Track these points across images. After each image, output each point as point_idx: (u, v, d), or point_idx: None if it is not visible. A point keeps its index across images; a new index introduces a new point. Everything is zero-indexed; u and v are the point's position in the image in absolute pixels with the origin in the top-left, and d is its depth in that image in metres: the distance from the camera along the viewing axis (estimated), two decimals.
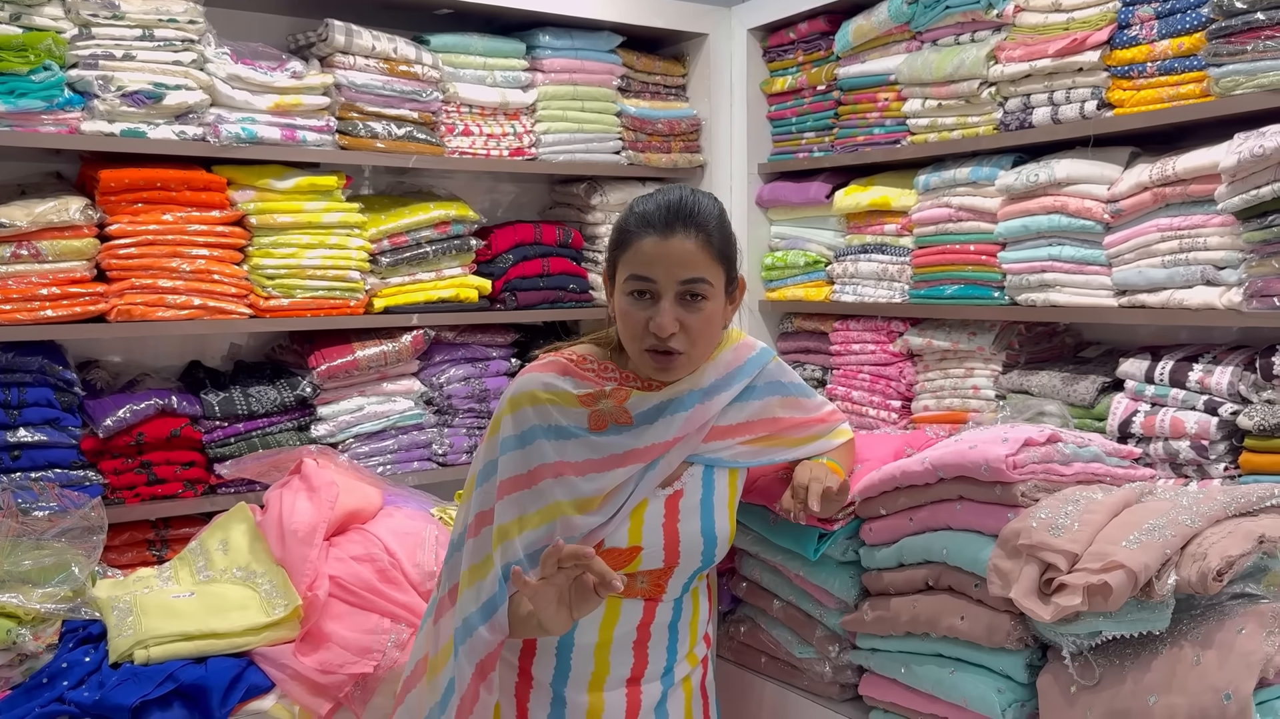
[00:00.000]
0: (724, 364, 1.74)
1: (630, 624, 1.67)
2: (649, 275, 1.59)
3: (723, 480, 1.73)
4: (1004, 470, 1.61)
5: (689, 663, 1.76)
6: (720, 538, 1.69)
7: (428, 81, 3.11)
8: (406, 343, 3.09)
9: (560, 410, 1.64)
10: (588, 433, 1.64)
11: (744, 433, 1.74)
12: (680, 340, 1.61)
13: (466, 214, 3.20)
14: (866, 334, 3.24)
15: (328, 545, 2.16)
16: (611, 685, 1.68)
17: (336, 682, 1.97)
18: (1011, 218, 2.78)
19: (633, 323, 1.62)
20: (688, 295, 1.60)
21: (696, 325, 1.61)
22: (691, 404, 1.68)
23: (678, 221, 1.59)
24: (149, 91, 2.67)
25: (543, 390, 1.65)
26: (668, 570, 1.68)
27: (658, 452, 1.65)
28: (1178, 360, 2.48)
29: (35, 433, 2.60)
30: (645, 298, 1.61)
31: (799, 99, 3.47)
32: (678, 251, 1.59)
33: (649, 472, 1.65)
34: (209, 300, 2.80)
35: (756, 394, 1.76)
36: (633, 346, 1.65)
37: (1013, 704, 1.60)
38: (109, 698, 1.84)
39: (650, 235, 1.60)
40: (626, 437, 1.64)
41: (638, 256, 1.60)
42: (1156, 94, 2.52)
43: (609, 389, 1.67)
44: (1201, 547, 1.42)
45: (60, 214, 2.58)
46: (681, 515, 1.66)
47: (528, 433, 1.62)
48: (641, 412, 1.66)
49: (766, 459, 1.79)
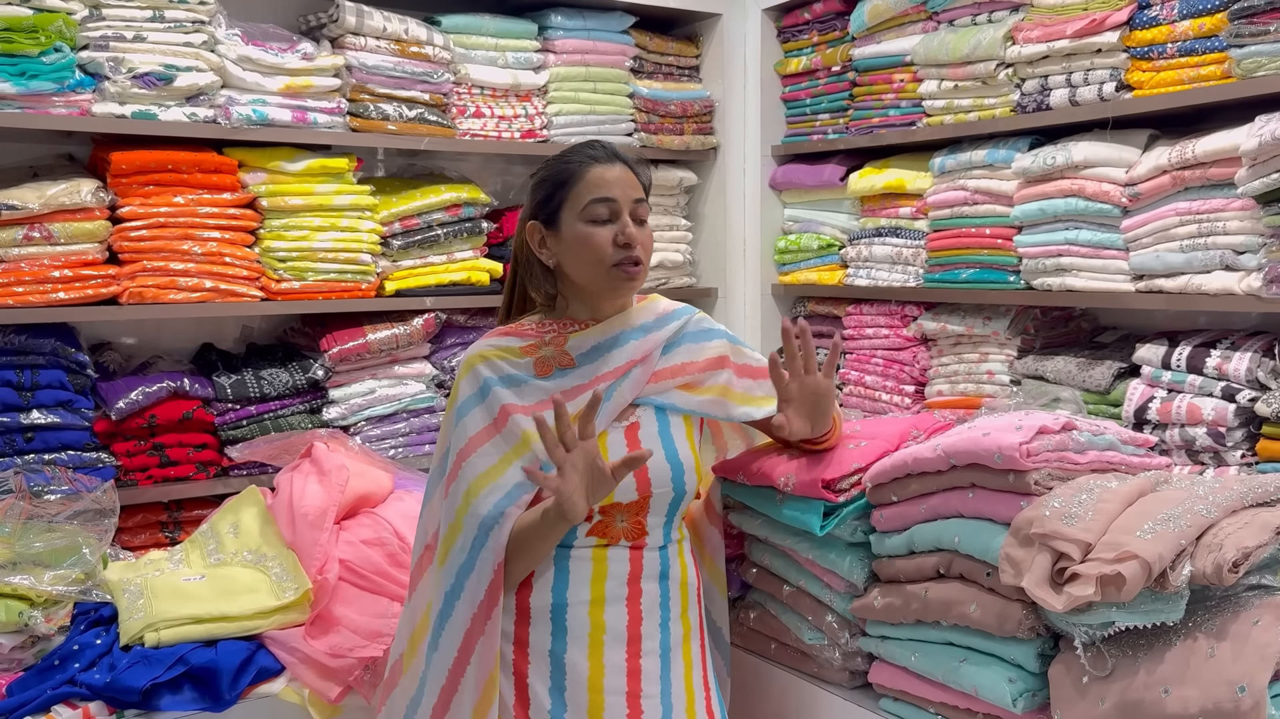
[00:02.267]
0: (653, 311, 1.87)
1: (620, 577, 1.71)
2: (610, 195, 1.74)
3: (677, 418, 1.81)
4: (1017, 458, 1.60)
5: (683, 625, 1.77)
6: (686, 465, 1.75)
7: (439, 63, 3.10)
8: (418, 326, 3.08)
9: (509, 362, 1.77)
10: (535, 378, 1.76)
11: (682, 374, 1.83)
12: (640, 253, 1.76)
13: (478, 197, 3.19)
14: (880, 318, 3.22)
15: (338, 529, 2.16)
16: (610, 645, 1.69)
17: (346, 665, 1.97)
18: (1028, 201, 2.75)
19: (598, 243, 1.74)
20: (636, 215, 1.77)
21: (647, 240, 1.78)
22: (627, 340, 1.80)
23: (611, 156, 1.79)
24: (160, 73, 2.67)
25: (489, 349, 1.79)
26: (643, 503, 1.72)
27: (601, 381, 1.75)
28: (1195, 346, 2.45)
29: (48, 415, 2.61)
30: (605, 221, 1.75)
31: (814, 80, 3.43)
32: (624, 175, 1.77)
33: (605, 401, 1.73)
34: (220, 283, 2.80)
35: (690, 338, 1.87)
36: (597, 270, 1.76)
37: (1024, 694, 1.59)
38: (120, 680, 1.84)
39: (597, 165, 1.76)
40: (571, 375, 1.77)
41: (593, 183, 1.75)
42: (1176, 75, 2.49)
43: (548, 338, 1.80)
44: (1217, 537, 1.40)
45: (72, 196, 2.57)
46: (644, 444, 1.74)
47: (484, 386, 1.75)
48: (582, 353, 1.78)
49: (725, 414, 1.84)
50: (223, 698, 1.90)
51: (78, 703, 1.85)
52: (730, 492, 2.02)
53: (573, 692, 1.68)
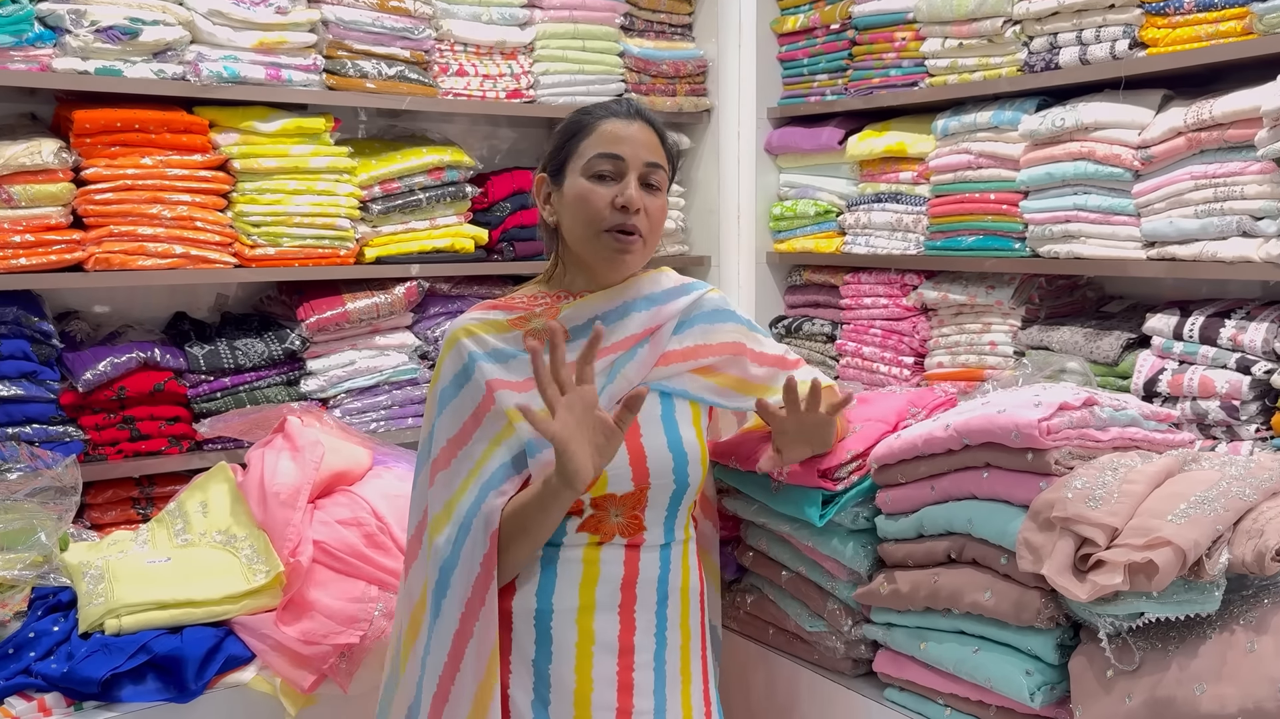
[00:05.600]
0: (658, 283, 1.73)
1: (613, 582, 1.58)
2: (617, 153, 1.61)
3: (684, 403, 1.68)
4: (1036, 436, 1.49)
5: (682, 634, 1.64)
6: (690, 455, 1.62)
7: (420, 18, 3.00)
8: (400, 294, 2.99)
9: (495, 336, 1.63)
10: (524, 352, 1.61)
11: (698, 356, 1.69)
12: (641, 222, 1.62)
13: (462, 159, 3.08)
14: (879, 287, 3.14)
15: (312, 508, 2.06)
16: (600, 657, 1.56)
17: (320, 653, 1.87)
18: (1035, 165, 2.66)
19: (596, 201, 1.61)
20: (648, 182, 1.63)
21: (654, 212, 1.64)
22: (631, 312, 1.66)
23: (637, 113, 1.66)
24: (124, 27, 2.55)
25: (474, 323, 1.65)
26: (640, 495, 1.58)
27: (601, 355, 1.60)
28: (1208, 316, 2.37)
29: (11, 387, 2.52)
30: (608, 179, 1.62)
31: (811, 39, 3.34)
32: (641, 134, 1.64)
33: (608, 383, 1.60)
34: (191, 249, 2.70)
35: (704, 319, 1.74)
36: (591, 229, 1.62)
37: (1042, 687, 1.49)
38: (78, 670, 1.74)
39: (615, 119, 1.64)
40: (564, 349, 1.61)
41: (604, 137, 1.62)
42: (1193, 32, 2.39)
43: (539, 310, 1.67)
44: (1257, 522, 1.30)
45: (33, 157, 2.47)
46: (643, 430, 1.60)
47: (468, 363, 1.62)
48: (577, 324, 1.65)
49: (732, 403, 1.73)
50: (188, 688, 1.80)
51: (33, 694, 1.75)
52: (723, 476, 1.92)
53: (558, 706, 1.56)
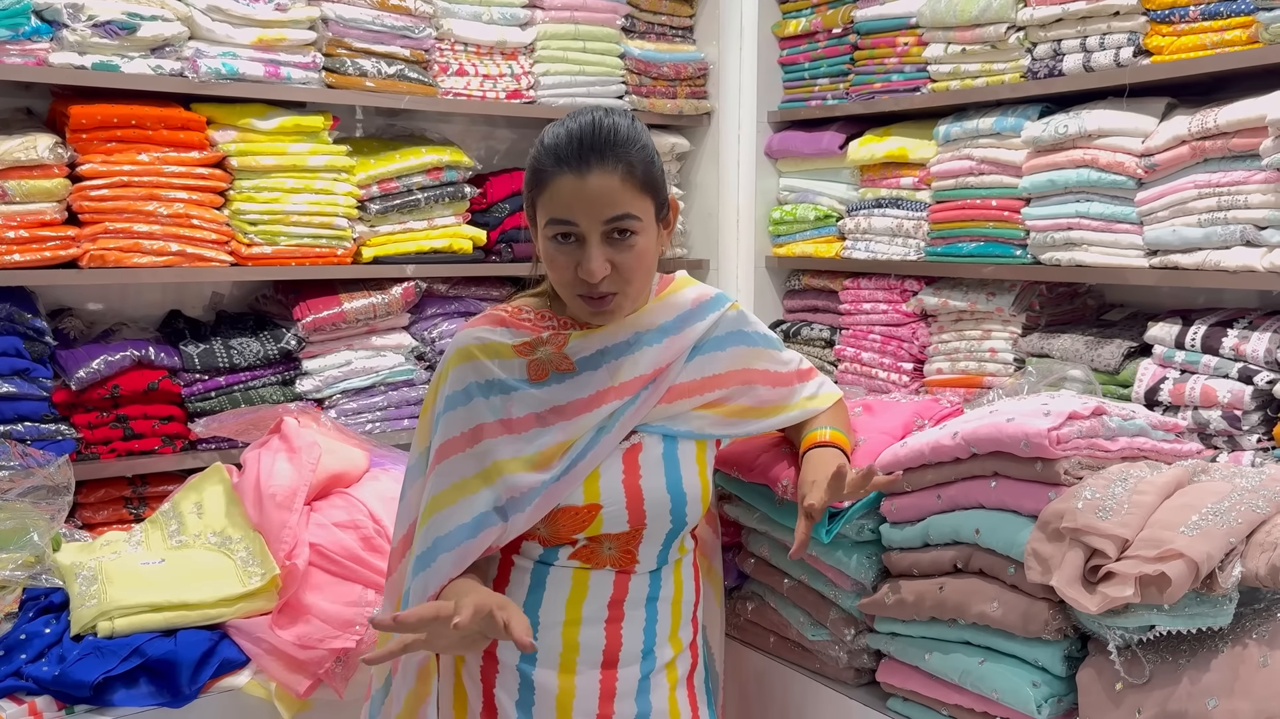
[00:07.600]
0: (674, 306, 1.62)
1: (600, 601, 1.55)
2: (570, 219, 1.46)
3: (688, 441, 1.60)
4: (1046, 446, 1.47)
5: (672, 647, 1.62)
6: (690, 496, 1.56)
7: (420, 17, 2.97)
8: (397, 295, 2.96)
9: (498, 364, 1.54)
10: (528, 384, 1.53)
11: (707, 389, 1.61)
12: (613, 282, 1.49)
13: (461, 160, 3.06)
14: (879, 293, 3.12)
15: (308, 510, 2.04)
16: (584, 667, 1.55)
17: (316, 657, 1.85)
18: (1037, 172, 2.65)
19: (560, 269, 1.50)
20: (615, 234, 1.47)
21: (629, 263, 1.48)
22: (643, 346, 1.56)
23: (593, 154, 1.45)
24: (122, 22, 2.53)
25: (476, 346, 1.55)
26: (635, 534, 1.55)
27: (605, 400, 1.53)
28: (1210, 325, 2.36)
29: (3, 384, 2.48)
30: (570, 241, 1.48)
31: (813, 43, 3.32)
32: (598, 189, 1.44)
33: (605, 432, 1.52)
34: (188, 247, 2.68)
35: (718, 344, 1.63)
36: (565, 293, 1.53)
37: (1049, 699, 1.47)
38: (69, 673, 1.72)
39: (566, 174, 1.45)
40: (569, 385, 1.54)
41: (555, 199, 1.47)
42: (1199, 40, 2.38)
43: (546, 336, 1.57)
44: (1271, 535, 1.28)
45: (28, 152, 2.44)
46: (643, 471, 1.54)
47: (468, 389, 1.54)
48: (583, 356, 1.55)
49: (740, 430, 1.66)
50: (182, 692, 1.78)
51: (24, 697, 1.73)
52: (725, 483, 1.90)
53: (541, 709, 1.54)
